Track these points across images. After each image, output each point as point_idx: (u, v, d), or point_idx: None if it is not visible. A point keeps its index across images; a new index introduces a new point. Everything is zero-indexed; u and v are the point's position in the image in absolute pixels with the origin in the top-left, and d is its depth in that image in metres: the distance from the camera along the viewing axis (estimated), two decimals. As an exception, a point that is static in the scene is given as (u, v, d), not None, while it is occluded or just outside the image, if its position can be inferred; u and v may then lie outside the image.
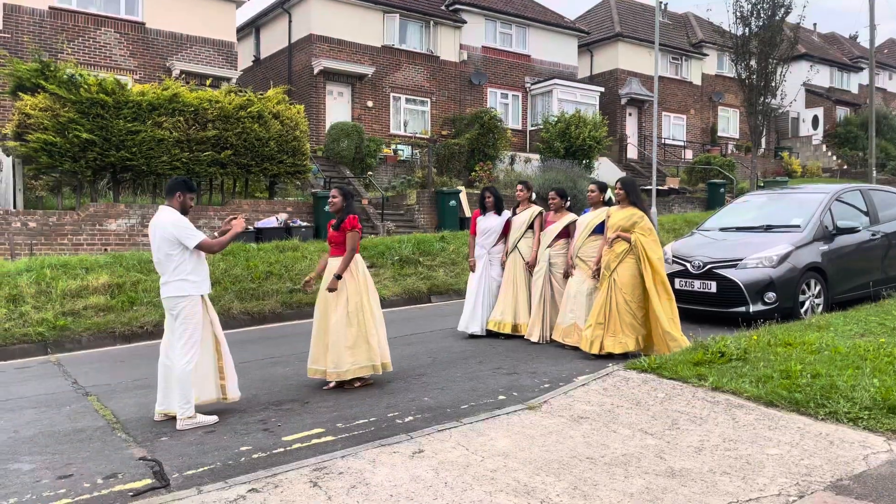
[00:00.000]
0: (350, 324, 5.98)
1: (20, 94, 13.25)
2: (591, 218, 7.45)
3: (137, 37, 19.99)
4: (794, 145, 35.80)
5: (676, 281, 8.44)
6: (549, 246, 7.86)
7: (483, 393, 5.86)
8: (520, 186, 8.35)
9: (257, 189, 17.30)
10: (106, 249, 13.15)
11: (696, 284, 8.21)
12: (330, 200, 6.29)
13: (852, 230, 8.54)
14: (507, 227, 8.26)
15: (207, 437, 4.99)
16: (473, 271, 8.31)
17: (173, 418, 5.29)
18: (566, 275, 7.69)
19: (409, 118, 25.07)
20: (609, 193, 7.69)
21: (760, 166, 24.99)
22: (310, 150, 16.79)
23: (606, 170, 25.06)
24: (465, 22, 25.85)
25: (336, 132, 21.18)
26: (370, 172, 21.21)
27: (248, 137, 14.99)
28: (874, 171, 23.53)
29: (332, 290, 6.00)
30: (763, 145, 27.89)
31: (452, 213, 17.60)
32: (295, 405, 5.74)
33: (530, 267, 8.01)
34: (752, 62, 21.70)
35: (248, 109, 15.09)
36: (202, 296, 5.35)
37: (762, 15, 21.53)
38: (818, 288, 8.08)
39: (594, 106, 27.38)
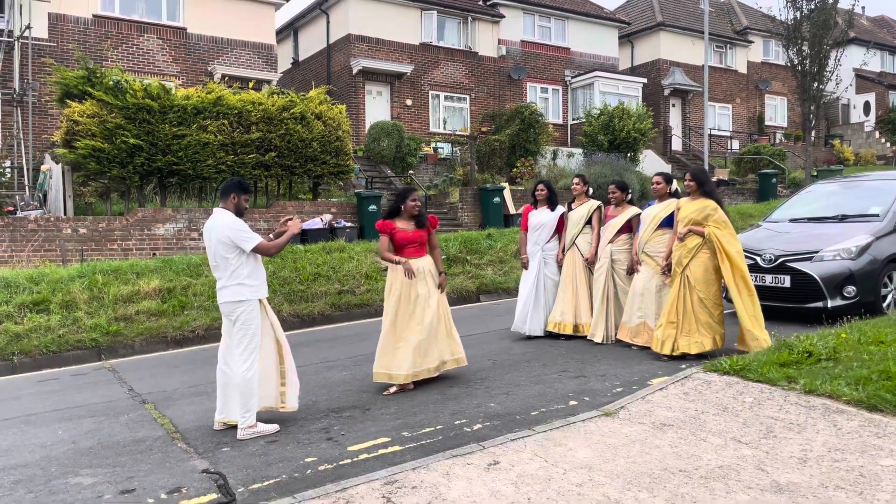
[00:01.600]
0: (448, 315, 6.27)
1: (68, 101, 13.36)
2: (657, 210, 7.05)
3: (179, 42, 20.12)
4: (845, 133, 34.55)
5: (745, 276, 8.01)
6: (610, 242, 7.50)
7: (552, 398, 5.57)
8: (576, 180, 7.99)
9: (301, 190, 17.24)
10: (155, 254, 13.19)
11: (768, 279, 7.77)
12: (416, 204, 6.22)
13: (937, 218, 7.99)
14: (560, 222, 7.92)
15: (270, 447, 4.79)
16: (526, 269, 7.99)
17: (233, 427, 5.12)
18: (630, 271, 7.34)
19: (449, 115, 24.82)
20: (675, 185, 7.24)
21: (805, 155, 24.08)
22: (351, 150, 16.65)
23: (651, 162, 24.45)
24: (503, 16, 25.48)
25: (376, 132, 21.04)
26: (411, 171, 21.02)
27: (292, 139, 14.91)
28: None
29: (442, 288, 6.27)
30: (812, 133, 26.91)
31: (497, 211, 17.28)
32: (356, 412, 5.52)
33: (590, 264, 7.67)
34: (805, 47, 20.86)
35: (291, 111, 15.00)
36: (260, 300, 5.16)
37: (814, -2, 20.69)
38: (901, 281, 7.57)
39: (637, 98, 26.75)
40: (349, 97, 22.51)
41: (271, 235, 5.39)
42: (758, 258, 7.94)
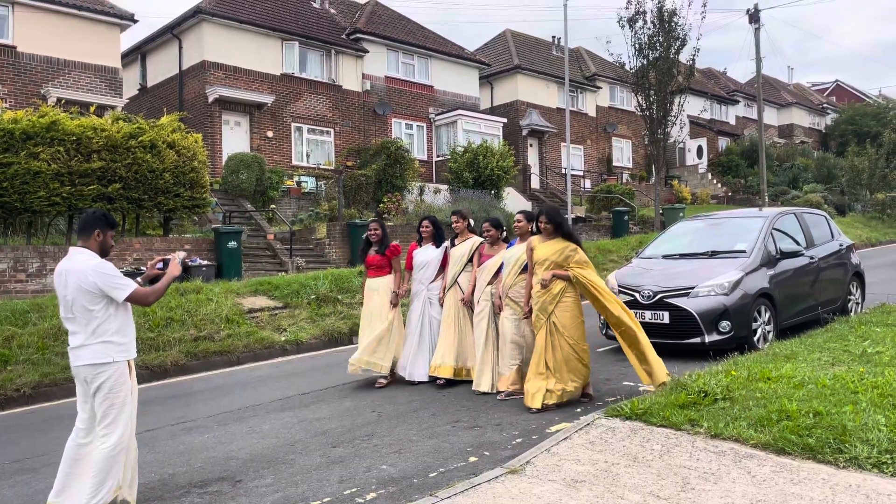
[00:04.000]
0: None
1: None
2: (519, 252, 6.62)
3: (7, 61, 18.02)
4: (682, 174, 37.44)
5: (626, 313, 8.01)
6: (489, 283, 7.03)
7: (449, 454, 5.07)
8: (454, 217, 7.60)
9: (150, 226, 15.78)
10: (-30, 299, 11.34)
11: (647, 315, 7.80)
12: (373, 232, 7.51)
13: (796, 254, 8.45)
14: (445, 260, 7.56)
15: (117, 541, 3.91)
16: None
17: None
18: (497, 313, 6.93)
19: (312, 149, 24.06)
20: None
21: (654, 194, 25.74)
22: (208, 183, 15.47)
23: (513, 199, 24.99)
24: (366, 51, 25.27)
25: (234, 164, 19.85)
26: (273, 206, 20.01)
27: (140, 169, 13.56)
28: (766, 196, 24.71)
29: (394, 304, 7.39)
30: (654, 174, 28.99)
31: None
32: (225, 485, 4.73)
33: (466, 305, 7.25)
34: (652, 93, 22.32)
35: (140, 138, 13.68)
36: (129, 361, 4.29)
37: (658, 47, 22.23)
38: (768, 314, 7.87)
39: (498, 136, 27.41)
40: (205, 127, 21.17)
41: (139, 279, 4.51)
42: (636, 294, 7.98)
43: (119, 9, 20.13)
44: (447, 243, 7.63)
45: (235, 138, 22.28)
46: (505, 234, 7.47)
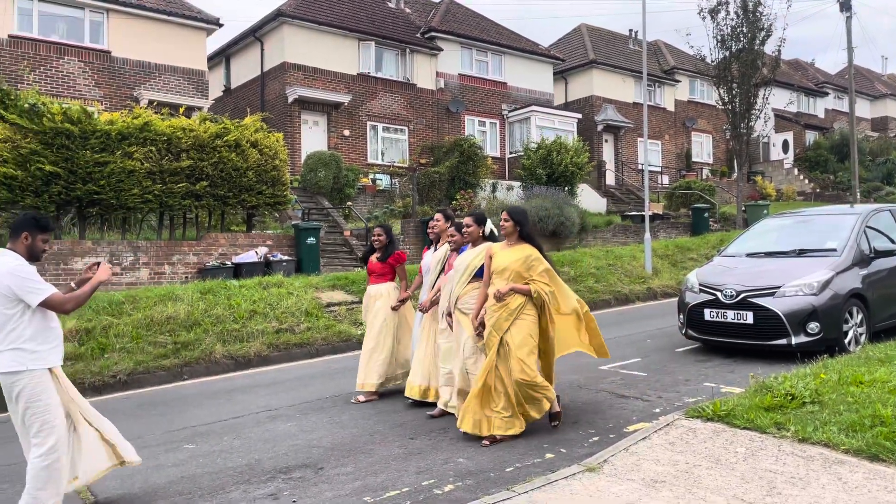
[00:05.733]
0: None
1: (-24, 124, 12.24)
2: (470, 258, 5.74)
3: (103, 65, 19.07)
4: (766, 169, 36.02)
5: (706, 312, 7.82)
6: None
7: (525, 450, 5.09)
8: (438, 216, 6.76)
9: (234, 222, 16.38)
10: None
11: (730, 315, 7.58)
12: (377, 238, 7.04)
13: (891, 253, 8.02)
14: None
15: (210, 520, 4.12)
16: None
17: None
18: (450, 327, 5.93)
19: (387, 147, 24.44)
20: (489, 226, 5.88)
21: (736, 191, 24.85)
22: (289, 180, 15.96)
23: (588, 196, 24.67)
24: (441, 49, 25.44)
25: (313, 162, 20.40)
26: (349, 203, 20.43)
27: (225, 167, 14.12)
28: (857, 192, 23.50)
29: (396, 309, 6.88)
30: (736, 169, 27.95)
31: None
32: (307, 472, 4.89)
33: (421, 310, 6.47)
34: (734, 86, 21.57)
35: (225, 138, 14.24)
36: (51, 369, 4.09)
37: (742, 38, 21.46)
38: (860, 316, 7.51)
39: (572, 132, 27.09)
40: (285, 126, 21.82)
41: (73, 284, 4.39)
42: (718, 293, 7.76)
43: (205, 13, 20.98)
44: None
45: (314, 137, 22.87)
46: (491, 231, 5.98)
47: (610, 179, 30.37)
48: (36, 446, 4.03)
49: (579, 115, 28.48)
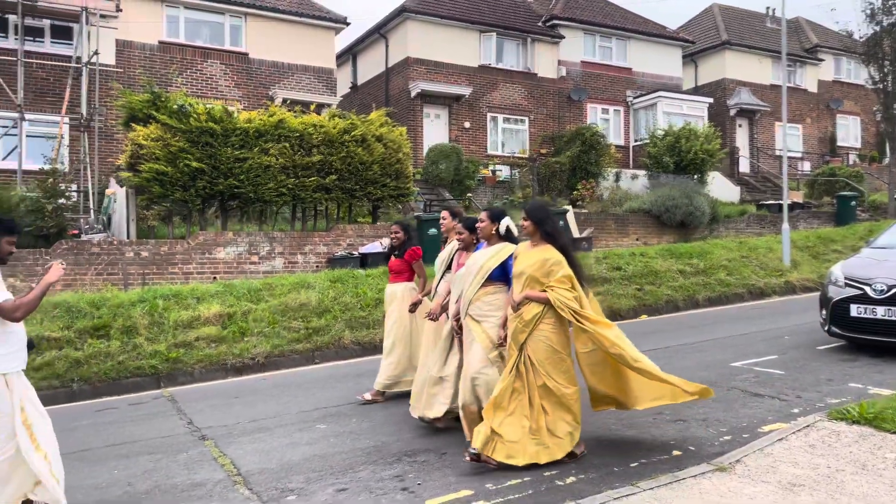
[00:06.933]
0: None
1: (133, 125, 13.42)
2: (484, 259, 5.09)
3: (242, 67, 20.32)
4: (925, 153, 32.66)
5: (853, 307, 7.25)
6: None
7: (650, 446, 4.95)
8: (444, 213, 6.38)
9: (360, 213, 16.98)
10: (215, 278, 13.03)
11: (880, 311, 6.98)
12: (393, 235, 6.95)
13: None
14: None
15: (340, 496, 4.33)
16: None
17: (294, 473, 4.66)
18: (456, 334, 5.39)
19: (507, 138, 24.40)
20: (506, 224, 5.14)
21: (888, 177, 22.71)
22: (412, 173, 16.33)
23: (720, 185, 23.46)
24: (562, 37, 25.03)
25: (434, 154, 20.75)
26: (470, 194, 20.61)
27: (352, 161, 14.67)
28: None
29: (412, 310, 6.57)
30: (888, 154, 25.53)
31: (560, 235, 16.65)
32: (431, 456, 5.02)
33: (431, 318, 5.87)
34: (886, 64, 19.72)
35: (352, 133, 14.79)
36: (5, 375, 3.92)
37: (894, 12, 19.57)
38: None
39: (702, 118, 25.84)
40: (407, 120, 22.32)
41: (32, 286, 4.24)
42: (867, 288, 7.17)
43: (334, 13, 21.83)
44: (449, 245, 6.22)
45: (435, 130, 23.23)
46: (507, 230, 5.21)
47: (744, 167, 28.71)
48: None
49: (710, 100, 27.10)
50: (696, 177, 21.53)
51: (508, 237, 5.12)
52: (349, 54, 26.79)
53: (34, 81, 17.22)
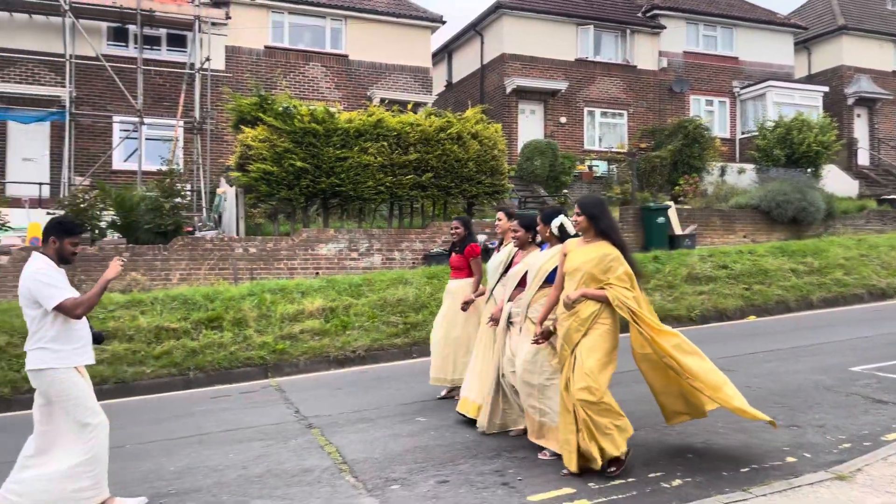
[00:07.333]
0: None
1: (242, 127, 14.07)
2: (543, 260, 5.01)
3: (341, 69, 20.91)
4: None
5: None
6: (510, 298, 5.37)
7: (762, 451, 4.74)
8: (500, 214, 6.25)
9: (455, 211, 17.08)
10: (317, 273, 13.49)
11: None
12: (454, 231, 6.85)
13: None
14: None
15: (441, 488, 4.39)
16: None
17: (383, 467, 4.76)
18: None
19: (604, 132, 23.91)
20: (559, 222, 4.91)
21: None
22: (507, 170, 16.29)
23: (835, 178, 22.05)
24: (663, 27, 24.25)
25: (529, 150, 20.62)
26: (565, 191, 20.33)
27: (448, 159, 14.80)
28: None
29: (465, 308, 6.39)
30: None
31: (660, 231, 16.16)
32: (530, 453, 4.99)
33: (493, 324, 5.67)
34: None
35: (448, 131, 14.91)
36: (76, 368, 4.12)
37: None
38: None
39: (816, 108, 24.37)
40: (502, 117, 22.28)
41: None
42: None
43: (430, 12, 22.09)
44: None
45: (530, 126, 23.08)
46: (560, 227, 5.00)
47: (863, 159, 26.86)
48: (82, 442, 4.07)
49: (825, 89, 25.53)
50: (809, 170, 20.34)
51: (564, 236, 4.89)
52: (444, 52, 27.02)
53: (152, 87, 18.38)
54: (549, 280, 4.87)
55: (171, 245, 12.85)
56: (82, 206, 13.27)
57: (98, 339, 4.42)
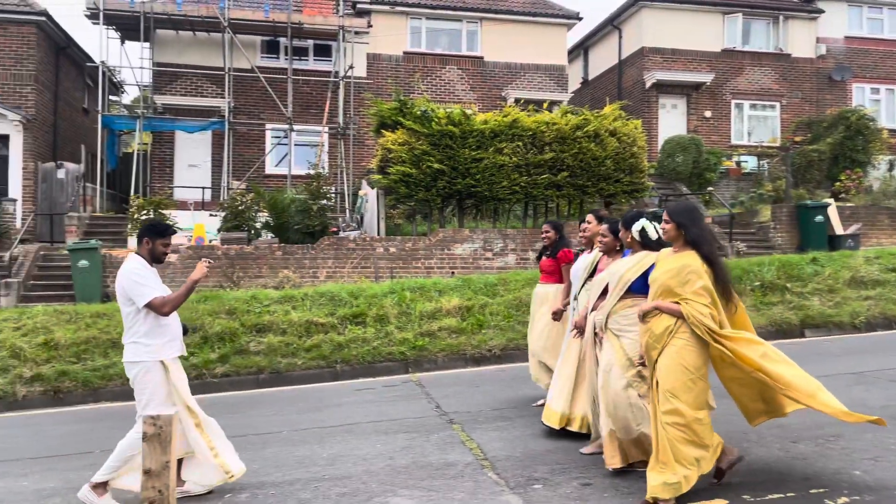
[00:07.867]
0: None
1: (382, 131, 14.62)
2: (625, 268, 4.66)
3: (476, 71, 21.15)
4: None
5: None
6: (593, 308, 5.02)
7: (944, 473, 4.28)
8: (589, 217, 5.97)
9: (590, 210, 16.78)
10: (453, 272, 13.74)
11: None
12: (545, 234, 6.72)
13: None
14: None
15: (586, 490, 4.34)
16: None
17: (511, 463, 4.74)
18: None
19: (754, 126, 22.52)
20: (639, 226, 4.63)
21: None
22: (646, 167, 15.77)
23: None
24: (822, 11, 22.47)
25: (671, 147, 19.85)
26: (710, 188, 19.38)
27: (584, 158, 14.56)
28: None
29: (556, 318, 6.17)
30: None
31: (819, 231, 15.01)
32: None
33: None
34: None
35: (585, 129, 14.67)
36: (163, 361, 4.43)
37: None
38: None
39: None
40: (641, 112, 21.58)
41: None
42: None
43: (566, 9, 21.83)
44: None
45: (671, 121, 22.19)
46: (642, 232, 4.69)
47: None
48: (137, 423, 4.37)
49: None
50: None
51: (646, 241, 4.60)
52: (580, 49, 26.59)
53: (300, 96, 19.51)
54: (632, 289, 4.56)
55: (319, 244, 13.59)
56: (240, 208, 14.35)
57: (185, 331, 4.78)
